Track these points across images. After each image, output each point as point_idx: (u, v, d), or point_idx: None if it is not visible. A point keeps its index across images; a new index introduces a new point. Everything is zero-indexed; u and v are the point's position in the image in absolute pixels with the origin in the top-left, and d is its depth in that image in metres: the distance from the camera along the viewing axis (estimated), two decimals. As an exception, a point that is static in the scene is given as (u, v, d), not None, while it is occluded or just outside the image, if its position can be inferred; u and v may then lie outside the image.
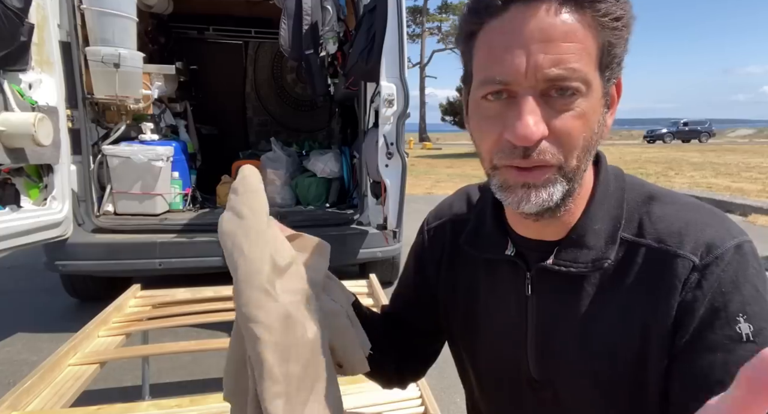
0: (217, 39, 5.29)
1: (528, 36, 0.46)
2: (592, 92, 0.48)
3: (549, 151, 0.49)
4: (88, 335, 1.49)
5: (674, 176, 11.39)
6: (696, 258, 0.50)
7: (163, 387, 2.29)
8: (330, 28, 3.06)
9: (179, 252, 2.89)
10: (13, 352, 2.66)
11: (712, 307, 0.49)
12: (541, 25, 0.46)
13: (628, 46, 0.51)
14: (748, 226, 5.88)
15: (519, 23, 0.47)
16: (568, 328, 0.57)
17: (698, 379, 0.49)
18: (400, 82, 2.54)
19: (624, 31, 0.49)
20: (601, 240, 0.55)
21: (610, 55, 0.49)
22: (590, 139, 0.50)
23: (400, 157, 2.59)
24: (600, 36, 0.48)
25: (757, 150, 21.94)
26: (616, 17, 0.47)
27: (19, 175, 2.37)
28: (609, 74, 0.50)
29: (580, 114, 0.48)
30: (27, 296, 3.57)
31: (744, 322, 0.48)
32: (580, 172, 0.52)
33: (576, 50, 0.46)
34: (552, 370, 0.59)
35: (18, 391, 1.09)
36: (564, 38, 0.46)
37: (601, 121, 0.51)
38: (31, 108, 2.27)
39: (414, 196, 8.24)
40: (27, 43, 2.23)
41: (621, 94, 0.54)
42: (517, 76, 0.47)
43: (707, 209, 0.55)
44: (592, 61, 0.48)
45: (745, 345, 0.47)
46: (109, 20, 2.75)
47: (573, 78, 0.47)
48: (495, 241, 0.64)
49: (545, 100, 0.48)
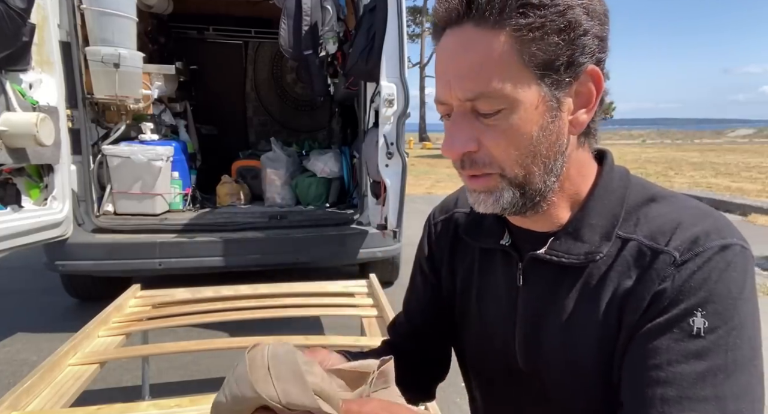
0: (217, 39, 5.29)
1: (448, 60, 0.52)
2: (519, 105, 0.50)
3: (481, 161, 0.54)
4: (88, 335, 1.50)
5: (674, 176, 11.39)
6: (677, 253, 0.51)
7: (163, 387, 2.29)
8: (330, 28, 3.06)
9: (179, 252, 2.89)
10: (13, 352, 2.66)
11: (676, 299, 0.49)
12: (456, 49, 0.51)
13: (587, 42, 0.50)
14: (748, 225, 5.88)
15: (445, 49, 0.52)
16: (554, 319, 0.58)
17: (638, 360, 0.50)
18: (400, 82, 2.54)
19: (553, 37, 0.49)
20: (596, 235, 0.56)
21: (541, 63, 0.49)
22: (529, 146, 0.52)
23: (400, 157, 2.59)
24: (522, 49, 0.49)
25: (757, 150, 21.94)
26: (534, 27, 0.48)
27: (20, 175, 2.37)
28: (557, 77, 0.50)
29: (506, 129, 0.51)
30: (27, 296, 3.57)
31: (700, 316, 0.48)
32: (534, 175, 0.53)
33: (492, 68, 0.49)
34: (538, 361, 0.60)
35: (18, 391, 1.09)
36: (479, 59, 0.49)
37: (550, 126, 0.52)
38: (32, 108, 2.27)
39: (414, 196, 8.24)
40: (28, 43, 2.23)
41: (601, 86, 0.53)
42: (447, 97, 0.53)
43: (705, 210, 0.55)
44: (517, 76, 0.49)
45: (693, 339, 0.48)
46: (109, 20, 2.75)
47: (489, 96, 0.50)
48: (492, 231, 0.66)
49: (476, 115, 0.52)
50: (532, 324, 0.60)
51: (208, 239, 2.92)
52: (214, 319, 1.74)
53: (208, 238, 2.93)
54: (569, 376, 0.57)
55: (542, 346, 0.59)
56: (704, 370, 0.47)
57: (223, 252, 2.92)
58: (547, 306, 0.59)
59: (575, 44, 0.50)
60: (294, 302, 1.89)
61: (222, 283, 2.07)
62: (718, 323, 0.48)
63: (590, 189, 0.59)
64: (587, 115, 0.54)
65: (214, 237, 2.95)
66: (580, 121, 0.54)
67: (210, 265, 2.93)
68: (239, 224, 3.09)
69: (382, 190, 2.78)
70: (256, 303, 1.87)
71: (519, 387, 0.64)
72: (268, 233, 3.07)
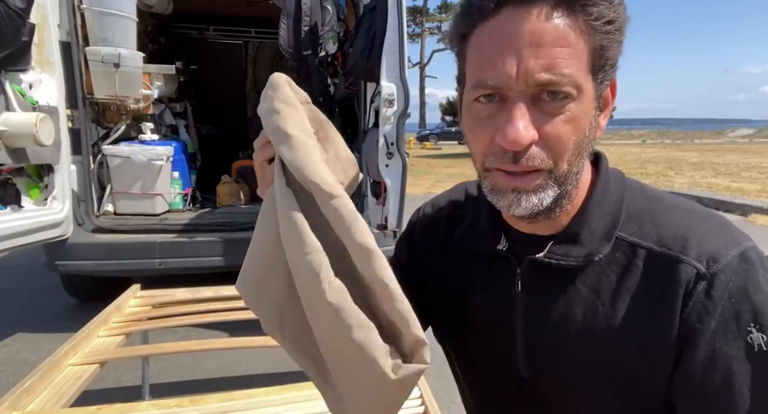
0: (217, 39, 5.29)
1: (519, 40, 0.46)
2: (583, 96, 0.48)
3: (539, 156, 0.49)
4: (88, 335, 1.49)
5: (674, 176, 11.39)
6: (701, 266, 0.49)
7: (163, 387, 2.29)
8: (330, 28, 3.06)
9: (179, 252, 2.89)
10: (13, 352, 2.66)
11: (723, 318, 0.48)
12: (532, 30, 0.46)
13: (623, 47, 0.51)
14: (748, 225, 5.88)
15: (510, 27, 0.47)
16: (559, 326, 0.56)
17: (715, 392, 0.49)
18: (400, 82, 2.54)
19: (617, 34, 0.49)
20: (596, 237, 0.55)
21: (602, 58, 0.49)
22: (581, 143, 0.50)
23: (400, 157, 2.59)
24: (592, 40, 0.48)
25: (757, 150, 21.94)
26: (608, 21, 0.47)
27: (20, 175, 2.37)
28: (602, 77, 0.50)
29: (571, 118, 0.48)
30: (27, 296, 3.57)
31: (756, 331, 0.48)
32: (572, 175, 0.52)
33: (567, 55, 0.46)
34: (542, 369, 0.59)
35: (18, 391, 1.09)
36: (555, 43, 0.46)
37: (593, 124, 0.51)
38: (32, 108, 2.27)
39: (414, 196, 8.23)
40: (28, 43, 2.23)
41: (615, 96, 0.54)
42: (508, 81, 0.47)
43: (710, 215, 0.55)
44: (583, 65, 0.48)
45: (758, 355, 0.47)
46: (109, 20, 2.75)
47: (564, 83, 0.46)
48: (488, 236, 0.63)
49: (536, 103, 0.48)
50: (534, 331, 0.59)
51: (208, 239, 2.92)
52: (214, 319, 1.74)
53: (208, 238, 2.93)
54: (575, 384, 0.56)
55: (546, 353, 0.58)
56: None
57: (223, 252, 2.92)
58: (549, 312, 0.57)
59: (622, 45, 0.50)
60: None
61: (222, 283, 2.06)
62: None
63: (588, 191, 0.58)
64: (604, 121, 0.54)
65: (214, 237, 2.95)
66: (602, 127, 0.54)
67: (210, 265, 2.93)
68: (239, 224, 3.08)
69: (382, 190, 2.78)
70: (256, 303, 1.87)
71: (519, 396, 0.62)
72: (268, 233, 3.06)
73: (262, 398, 1.11)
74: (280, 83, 0.53)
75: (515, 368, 0.60)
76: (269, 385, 1.17)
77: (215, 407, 1.07)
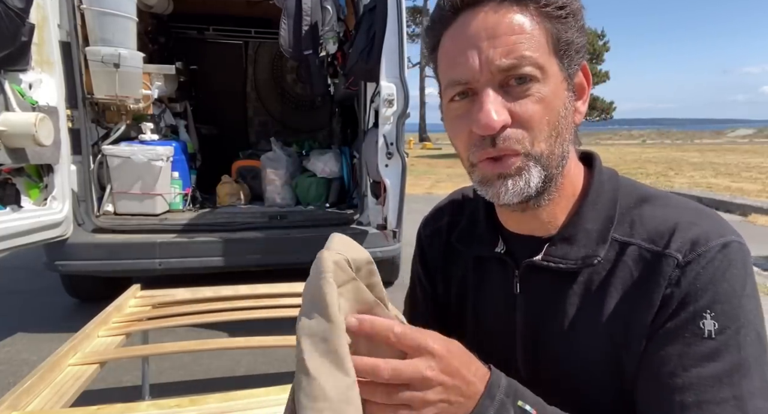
0: (217, 39, 5.29)
1: (476, 36, 0.51)
2: (549, 77, 0.51)
3: (513, 137, 0.51)
4: (88, 335, 1.49)
5: (674, 176, 11.39)
6: (680, 255, 0.51)
7: (163, 387, 2.29)
8: (330, 28, 3.06)
9: (179, 252, 2.89)
10: (13, 352, 2.66)
11: (683, 302, 0.49)
12: (486, 25, 0.50)
13: (584, 34, 0.54)
14: (748, 225, 5.88)
15: (467, 27, 0.52)
16: (556, 326, 0.57)
17: (653, 367, 0.50)
18: (400, 82, 2.54)
19: (571, 19, 0.52)
20: (592, 239, 0.56)
21: (561, 42, 0.52)
22: (556, 122, 0.52)
23: (400, 157, 2.59)
24: (547, 25, 0.51)
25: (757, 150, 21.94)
26: (559, 6, 0.51)
27: (20, 175, 2.37)
28: (567, 61, 0.53)
29: (540, 99, 0.51)
30: (27, 296, 3.57)
31: (710, 318, 0.48)
32: (554, 158, 0.53)
33: (524, 40, 0.50)
34: (541, 369, 0.59)
35: (18, 391, 1.09)
36: (510, 31, 0.50)
37: (568, 106, 0.53)
38: (32, 108, 2.27)
39: (414, 196, 8.23)
40: (28, 43, 2.23)
41: (591, 81, 0.56)
42: (474, 74, 0.51)
43: (699, 209, 0.56)
44: (544, 48, 0.51)
45: (705, 341, 0.48)
46: (109, 20, 2.75)
47: (525, 65, 0.50)
48: (486, 239, 0.65)
49: (505, 90, 0.51)
50: (533, 331, 0.59)
51: (208, 239, 2.92)
52: (214, 319, 1.74)
53: (208, 238, 2.92)
54: (574, 383, 0.57)
55: (545, 353, 0.58)
56: (719, 371, 0.47)
57: (223, 252, 2.92)
58: (547, 313, 0.58)
59: (582, 32, 0.53)
60: (294, 302, 1.89)
61: (222, 283, 2.06)
62: (727, 323, 0.48)
63: (582, 192, 0.59)
64: (583, 107, 0.56)
65: (214, 237, 2.94)
66: (581, 112, 0.56)
67: (210, 265, 2.92)
68: (239, 224, 3.08)
69: (382, 190, 2.78)
70: (256, 303, 1.87)
71: None
72: (268, 233, 3.07)
73: (262, 398, 1.10)
74: (321, 291, 0.40)
75: (515, 368, 0.61)
76: (269, 385, 1.17)
77: (215, 407, 1.07)
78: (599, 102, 22.77)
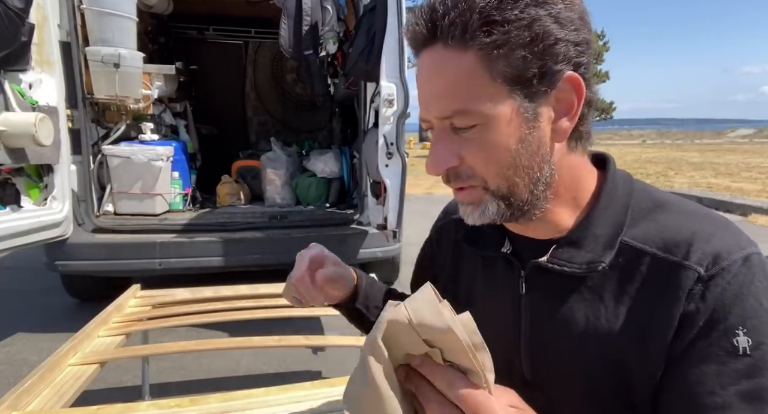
0: (217, 39, 5.28)
1: (425, 80, 0.54)
2: (493, 119, 0.51)
3: (464, 174, 0.55)
4: (88, 335, 1.49)
5: (674, 176, 11.39)
6: (701, 269, 0.49)
7: (163, 387, 2.29)
8: (330, 28, 3.06)
9: (179, 252, 2.89)
10: (13, 352, 2.66)
11: (712, 319, 0.48)
12: (429, 72, 0.52)
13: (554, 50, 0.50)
14: (748, 225, 5.89)
15: (421, 68, 0.54)
16: (562, 329, 0.57)
17: (690, 388, 0.49)
18: (400, 82, 2.54)
19: (519, 51, 0.49)
20: (599, 244, 0.55)
21: (516, 76, 0.50)
22: (510, 159, 0.52)
23: (400, 157, 2.59)
24: (492, 67, 0.50)
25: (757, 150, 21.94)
26: (499, 44, 0.49)
27: (20, 174, 2.37)
28: (531, 89, 0.51)
29: (484, 142, 0.52)
30: (27, 296, 3.57)
31: (743, 335, 0.48)
32: (519, 188, 0.54)
33: (461, 88, 0.50)
34: (544, 370, 0.59)
35: (18, 391, 1.09)
36: (450, 87, 0.51)
37: (531, 136, 0.52)
38: (32, 108, 2.27)
39: (414, 196, 8.23)
40: (27, 43, 2.23)
41: (582, 92, 0.52)
42: (426, 117, 0.55)
43: (715, 218, 0.55)
44: (490, 92, 0.50)
45: (740, 358, 0.47)
46: (109, 20, 2.75)
47: (465, 118, 0.51)
48: (492, 239, 0.65)
49: (456, 131, 0.53)
50: (538, 333, 0.59)
51: (208, 239, 2.92)
52: (214, 319, 1.74)
53: (208, 238, 2.92)
54: (576, 387, 0.56)
55: (549, 355, 0.58)
56: (759, 387, 0.47)
57: (223, 252, 2.92)
58: (553, 315, 0.57)
59: (546, 54, 0.50)
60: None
61: (222, 283, 2.07)
62: (761, 339, 0.48)
63: (594, 195, 0.58)
64: (570, 122, 0.54)
65: (214, 237, 2.94)
66: (563, 129, 0.54)
67: (210, 265, 2.92)
68: (239, 224, 3.08)
69: (382, 190, 2.78)
70: (256, 303, 1.87)
71: (522, 397, 0.63)
72: (268, 233, 3.07)
73: (262, 398, 1.10)
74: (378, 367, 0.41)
75: (518, 368, 0.61)
76: (269, 385, 1.17)
77: (215, 407, 1.07)
78: (599, 102, 22.76)
